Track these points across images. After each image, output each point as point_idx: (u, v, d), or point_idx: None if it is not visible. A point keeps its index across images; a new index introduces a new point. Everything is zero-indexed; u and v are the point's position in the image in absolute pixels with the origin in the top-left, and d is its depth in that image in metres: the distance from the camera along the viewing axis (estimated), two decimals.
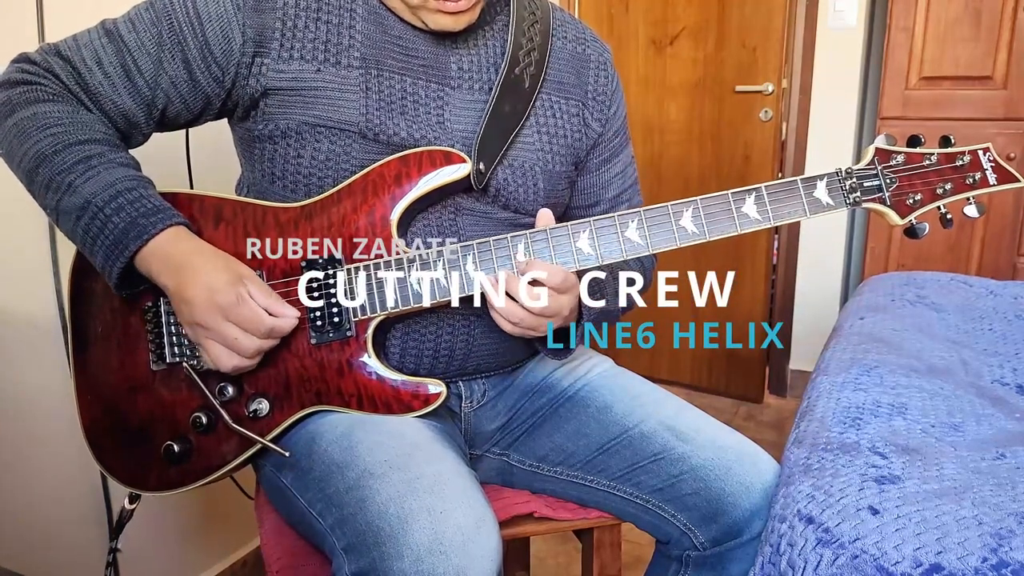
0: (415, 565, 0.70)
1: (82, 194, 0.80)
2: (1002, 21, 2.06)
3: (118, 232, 0.80)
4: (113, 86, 0.85)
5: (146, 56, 0.85)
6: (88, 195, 0.80)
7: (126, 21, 0.87)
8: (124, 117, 0.87)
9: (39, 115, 0.83)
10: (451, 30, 0.89)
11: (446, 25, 0.88)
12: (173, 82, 0.86)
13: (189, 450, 0.89)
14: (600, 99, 1.02)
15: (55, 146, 0.81)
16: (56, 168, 0.81)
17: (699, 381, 2.90)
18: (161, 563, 1.50)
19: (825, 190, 0.86)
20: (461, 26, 0.89)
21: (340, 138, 0.87)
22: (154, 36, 0.85)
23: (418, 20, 0.89)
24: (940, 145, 0.88)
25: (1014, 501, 0.76)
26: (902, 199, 0.88)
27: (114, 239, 0.80)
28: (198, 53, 0.85)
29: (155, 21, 0.85)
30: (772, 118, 2.54)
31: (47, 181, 0.82)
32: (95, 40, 0.86)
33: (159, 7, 0.86)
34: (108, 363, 0.91)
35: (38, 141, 0.82)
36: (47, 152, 0.81)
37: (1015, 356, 1.27)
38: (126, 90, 0.85)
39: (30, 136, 0.82)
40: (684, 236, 0.86)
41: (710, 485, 0.89)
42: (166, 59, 0.85)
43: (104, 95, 0.85)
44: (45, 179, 0.82)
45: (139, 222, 0.80)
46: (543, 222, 0.87)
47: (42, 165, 0.82)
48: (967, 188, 0.88)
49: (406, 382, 0.88)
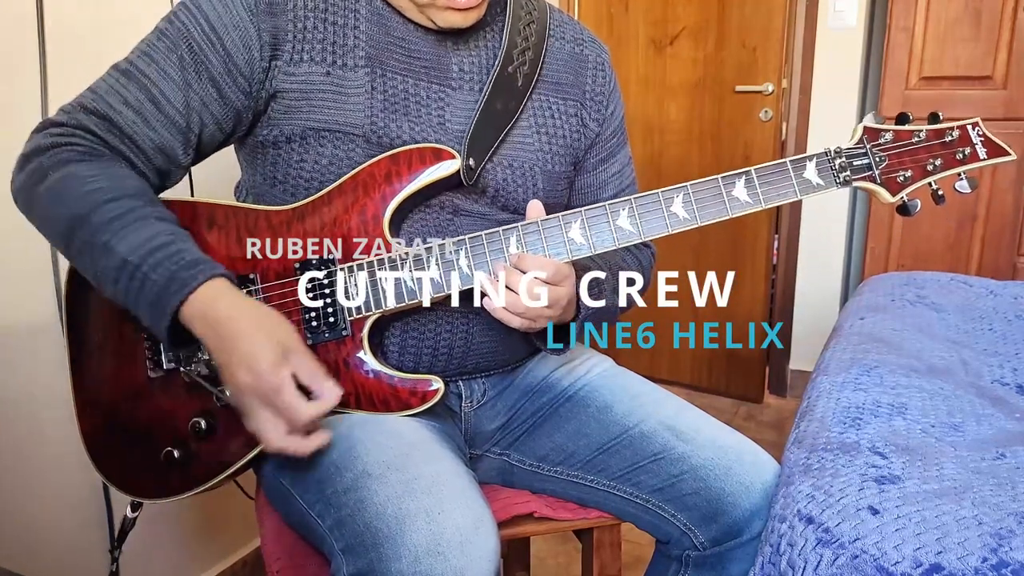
0: (413, 566, 0.69)
1: (118, 254, 0.76)
2: (1002, 21, 2.06)
3: (158, 289, 0.76)
4: (146, 122, 0.83)
5: (171, 83, 0.83)
6: (124, 254, 0.76)
7: (140, 56, 0.84)
8: (162, 152, 0.84)
9: (70, 176, 0.79)
10: (460, 27, 0.88)
11: (455, 22, 0.87)
12: (204, 103, 0.84)
13: (189, 456, 0.88)
14: (598, 99, 1.02)
15: (89, 206, 0.78)
16: (90, 229, 0.77)
17: (699, 381, 2.90)
18: (161, 563, 1.50)
19: (815, 170, 0.86)
20: (470, 22, 0.88)
21: (344, 142, 0.86)
22: (175, 62, 0.83)
23: (426, 19, 0.89)
24: (929, 121, 0.88)
25: (1014, 501, 0.76)
26: (893, 177, 0.88)
27: (154, 297, 0.76)
28: (223, 68, 0.84)
29: (172, 47, 0.83)
30: (772, 118, 2.54)
31: (82, 244, 0.78)
32: (115, 83, 0.83)
33: (173, 32, 0.84)
34: (106, 370, 0.90)
35: (71, 204, 0.78)
36: (81, 213, 0.78)
37: (1015, 356, 1.27)
38: (159, 123, 0.83)
39: (63, 199, 0.79)
40: (676, 222, 0.86)
41: (710, 485, 0.89)
42: (192, 81, 0.83)
43: (139, 134, 0.83)
44: (81, 243, 0.78)
45: (179, 276, 0.76)
46: (533, 214, 0.87)
47: (78, 228, 0.78)
48: (957, 163, 0.88)
49: (404, 379, 0.88)
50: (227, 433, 0.88)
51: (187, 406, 0.88)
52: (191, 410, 0.88)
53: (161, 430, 0.89)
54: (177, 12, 0.85)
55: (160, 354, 0.88)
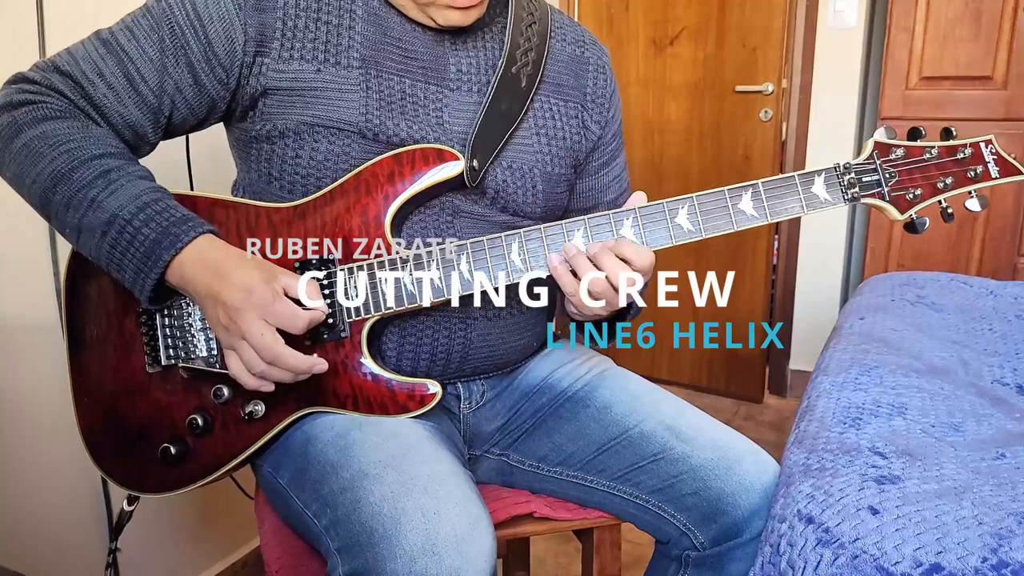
0: (408, 566, 0.69)
1: (107, 208, 0.78)
2: (1002, 21, 2.06)
3: (149, 243, 0.78)
4: (118, 98, 0.83)
5: (148, 63, 0.83)
6: (114, 209, 0.78)
7: (123, 29, 0.84)
8: (131, 128, 0.85)
9: (48, 133, 0.80)
10: (460, 25, 0.88)
11: (456, 20, 0.87)
12: (178, 87, 0.85)
13: (186, 451, 0.89)
14: (599, 101, 1.02)
15: (71, 163, 0.79)
16: (75, 185, 0.78)
17: (699, 381, 2.90)
18: (161, 563, 1.50)
19: (823, 186, 0.85)
20: (471, 20, 0.88)
21: (339, 138, 0.86)
22: (155, 42, 0.83)
23: (426, 17, 0.88)
24: (941, 138, 0.86)
25: (1014, 501, 0.76)
26: (902, 194, 0.86)
27: (146, 250, 0.78)
28: (202, 56, 0.84)
29: (155, 27, 0.84)
30: (772, 118, 2.54)
31: (66, 200, 0.79)
32: (93, 52, 0.83)
33: (157, 12, 0.84)
34: (104, 366, 0.91)
35: (52, 160, 0.79)
36: (63, 170, 0.79)
37: (1015, 356, 1.27)
38: (132, 101, 0.83)
39: (43, 156, 0.79)
40: (680, 234, 0.85)
41: (710, 485, 0.89)
42: (170, 64, 0.84)
43: (110, 108, 0.83)
44: (64, 198, 0.79)
45: (171, 231, 0.78)
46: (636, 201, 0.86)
47: (59, 184, 0.79)
48: (969, 182, 0.86)
49: (401, 383, 0.88)
50: (224, 429, 0.88)
51: (185, 402, 0.89)
52: (189, 406, 0.88)
53: (159, 425, 0.89)
54: None
55: (158, 350, 0.88)
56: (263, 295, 0.77)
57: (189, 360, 0.87)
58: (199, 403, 0.88)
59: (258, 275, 0.79)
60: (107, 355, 0.91)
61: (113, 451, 0.91)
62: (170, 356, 0.88)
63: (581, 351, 1.09)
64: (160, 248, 0.78)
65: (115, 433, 0.91)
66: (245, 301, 0.77)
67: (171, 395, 0.89)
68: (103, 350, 0.91)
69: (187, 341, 0.87)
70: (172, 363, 0.88)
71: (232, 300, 0.77)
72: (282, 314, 0.78)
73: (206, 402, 0.88)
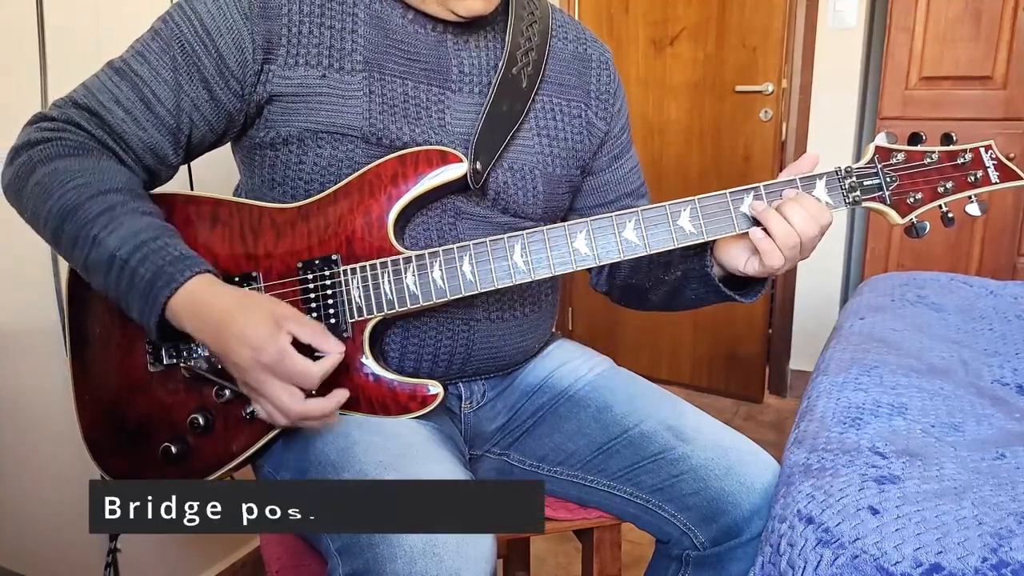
0: (408, 567, 0.69)
1: (108, 247, 0.77)
2: (1002, 21, 2.06)
3: (146, 283, 0.77)
4: (136, 122, 0.83)
5: (163, 84, 0.83)
6: (113, 248, 0.77)
7: (134, 55, 0.85)
8: (152, 152, 0.85)
9: (59, 171, 0.80)
10: (482, 14, 0.88)
11: (477, 9, 0.87)
12: (195, 104, 0.85)
13: (187, 451, 0.89)
14: (603, 97, 1.02)
15: (78, 199, 0.78)
16: (80, 221, 0.78)
17: (699, 381, 2.90)
18: (161, 563, 1.50)
19: (824, 189, 0.86)
20: (491, 8, 0.89)
21: (343, 143, 0.86)
22: (168, 63, 0.84)
23: (445, 11, 0.88)
24: (942, 143, 0.87)
25: (1014, 501, 0.76)
26: (902, 198, 0.87)
27: (143, 291, 0.77)
28: (215, 70, 0.84)
29: (165, 48, 0.84)
30: (772, 118, 2.54)
31: (73, 237, 0.79)
32: (107, 81, 0.84)
33: (166, 33, 0.84)
34: (106, 366, 0.91)
35: (60, 197, 0.79)
36: (70, 206, 0.78)
37: (1015, 356, 1.27)
38: (150, 123, 0.84)
39: (52, 193, 0.79)
40: (682, 236, 0.85)
41: (710, 485, 0.89)
42: (184, 82, 0.84)
43: (129, 133, 0.83)
44: (71, 235, 0.79)
45: (166, 270, 0.77)
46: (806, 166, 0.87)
47: (66, 221, 0.79)
48: (969, 187, 0.86)
49: (403, 383, 0.88)
50: (225, 429, 0.88)
51: (186, 402, 0.88)
52: (190, 406, 0.88)
53: (160, 425, 0.89)
54: (172, 12, 0.85)
55: (160, 349, 0.88)
56: (271, 355, 0.75)
57: (191, 359, 0.87)
58: (200, 402, 0.88)
59: (262, 329, 0.75)
60: (109, 354, 0.91)
61: (114, 450, 0.91)
62: (172, 355, 0.88)
63: (581, 351, 1.09)
64: (156, 288, 0.77)
65: (116, 432, 0.91)
66: (255, 362, 0.75)
67: (172, 394, 0.89)
68: (105, 349, 0.91)
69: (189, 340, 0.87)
70: (174, 362, 0.88)
71: (242, 361, 0.76)
72: (294, 373, 0.76)
73: (207, 401, 0.88)
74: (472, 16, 0.88)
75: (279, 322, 0.76)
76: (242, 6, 0.84)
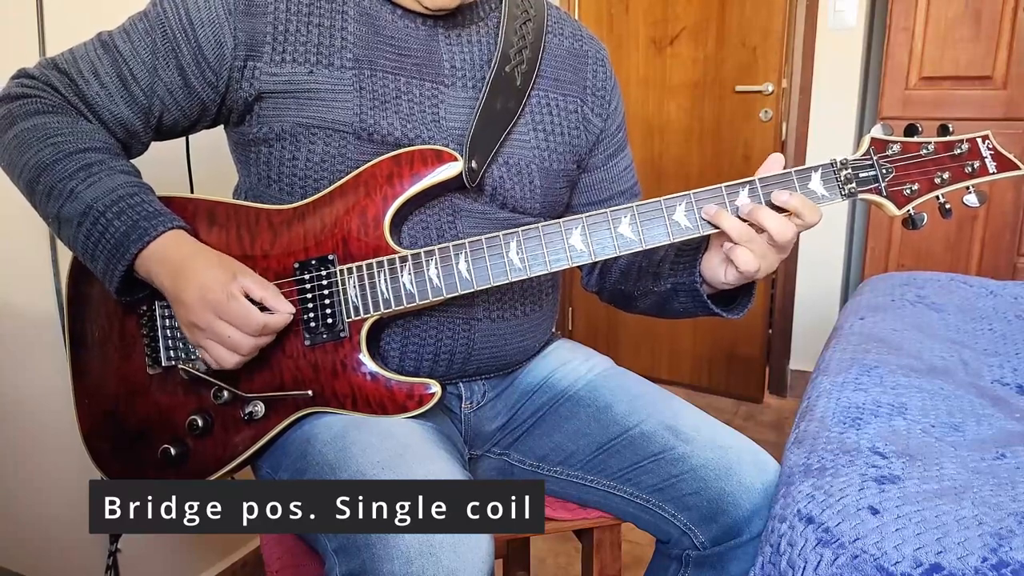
0: (405, 567, 0.69)
1: (84, 200, 0.81)
2: (1002, 21, 2.06)
3: (119, 236, 0.80)
4: (110, 96, 0.86)
5: (141, 65, 0.86)
6: (90, 200, 0.81)
7: (121, 32, 0.88)
8: (122, 126, 0.88)
9: (39, 126, 0.83)
10: (448, 8, 0.88)
11: (444, 3, 0.88)
12: (169, 89, 0.87)
13: (186, 452, 0.89)
14: (599, 94, 1.02)
15: (56, 155, 0.82)
16: (57, 176, 0.82)
17: (699, 381, 2.90)
18: (161, 563, 1.50)
19: (820, 181, 0.85)
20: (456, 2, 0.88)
21: (335, 138, 0.87)
22: (148, 45, 0.86)
23: (414, 2, 0.89)
24: (938, 134, 0.86)
25: (1014, 501, 0.76)
26: (899, 189, 0.86)
27: (115, 243, 0.81)
28: (191, 59, 0.86)
29: (149, 30, 0.86)
30: (772, 118, 2.54)
31: (48, 189, 0.82)
32: (91, 52, 0.87)
33: (152, 16, 0.87)
34: (105, 368, 0.91)
35: (39, 151, 0.82)
36: (48, 161, 0.82)
37: (1015, 356, 1.27)
38: (123, 99, 0.86)
39: (31, 147, 0.83)
40: (678, 231, 0.85)
41: (710, 485, 0.89)
42: (160, 66, 0.86)
43: (101, 105, 0.86)
44: (46, 187, 0.82)
45: (140, 225, 0.81)
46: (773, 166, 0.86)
47: (43, 174, 0.82)
48: (966, 177, 0.86)
49: (400, 382, 0.88)
50: (224, 431, 0.88)
51: (185, 404, 0.89)
52: (188, 408, 0.89)
53: (159, 426, 0.89)
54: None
55: (158, 351, 0.89)
56: (217, 295, 0.79)
57: (189, 361, 0.88)
58: (199, 404, 0.88)
59: (218, 274, 0.81)
60: (108, 356, 0.91)
61: (113, 452, 0.91)
62: (171, 357, 0.88)
63: (582, 351, 1.09)
64: (128, 241, 0.80)
65: (115, 434, 0.91)
66: (201, 300, 0.80)
67: (171, 396, 0.89)
68: (104, 351, 0.91)
69: (188, 342, 0.87)
70: (172, 364, 0.88)
71: (189, 299, 0.80)
72: (236, 314, 0.80)
73: (206, 403, 0.88)
74: (439, 8, 0.88)
75: (236, 275, 0.82)
76: (227, 2, 0.85)
